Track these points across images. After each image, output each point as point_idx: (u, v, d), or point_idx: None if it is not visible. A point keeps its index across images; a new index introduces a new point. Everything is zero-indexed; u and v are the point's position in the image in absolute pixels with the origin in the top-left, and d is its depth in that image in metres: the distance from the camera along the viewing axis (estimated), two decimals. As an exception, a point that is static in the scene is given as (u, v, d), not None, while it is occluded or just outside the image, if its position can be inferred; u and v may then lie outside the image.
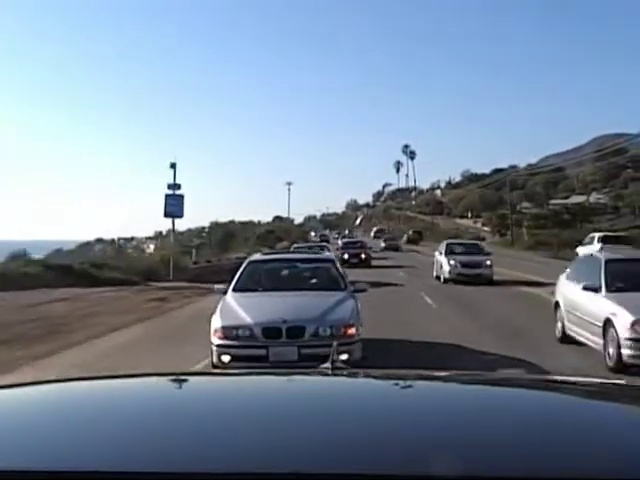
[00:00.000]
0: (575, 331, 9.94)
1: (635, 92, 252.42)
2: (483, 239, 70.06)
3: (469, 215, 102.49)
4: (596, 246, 27.95)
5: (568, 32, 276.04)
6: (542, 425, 1.41)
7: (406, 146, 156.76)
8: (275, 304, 8.51)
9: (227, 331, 7.93)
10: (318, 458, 1.19)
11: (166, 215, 26.47)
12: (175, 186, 25.77)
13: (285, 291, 9.17)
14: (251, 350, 7.86)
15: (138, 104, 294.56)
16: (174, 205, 25.88)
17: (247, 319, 8.04)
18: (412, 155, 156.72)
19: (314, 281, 10.05)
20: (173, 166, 25.93)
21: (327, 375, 1.97)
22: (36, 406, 1.66)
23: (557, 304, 10.93)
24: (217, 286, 9.63)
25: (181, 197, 26.12)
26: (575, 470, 1.12)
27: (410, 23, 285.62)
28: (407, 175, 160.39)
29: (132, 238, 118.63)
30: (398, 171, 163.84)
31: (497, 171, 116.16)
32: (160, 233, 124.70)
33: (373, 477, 1.09)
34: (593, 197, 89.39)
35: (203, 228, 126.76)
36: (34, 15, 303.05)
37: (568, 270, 11.37)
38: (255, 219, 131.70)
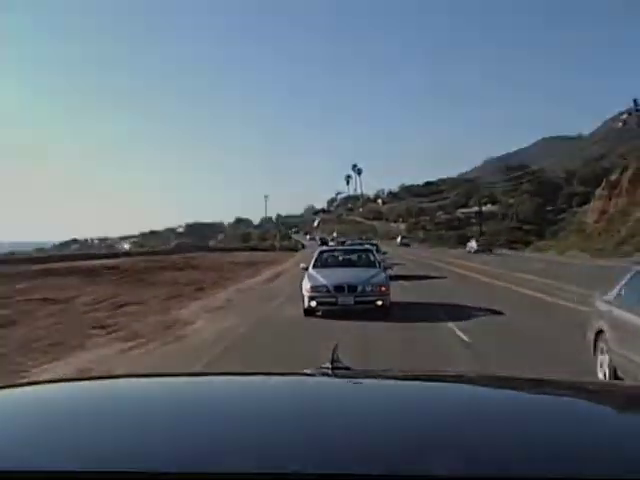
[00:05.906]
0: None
1: (582, 94, 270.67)
2: (404, 237, 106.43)
3: (401, 220, 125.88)
4: (473, 243, 58.12)
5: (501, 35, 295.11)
6: (542, 425, 1.42)
7: (354, 165, 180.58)
8: (340, 273, 14.55)
9: (313, 288, 13.73)
10: (318, 458, 1.19)
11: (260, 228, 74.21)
12: (266, 218, 70.96)
13: (344, 267, 15.78)
14: (327, 298, 13.60)
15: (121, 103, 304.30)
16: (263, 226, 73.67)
17: (325, 282, 13.87)
18: (359, 171, 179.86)
19: (361, 262, 16.52)
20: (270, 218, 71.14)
21: (327, 375, 1.95)
22: (36, 406, 1.66)
23: (600, 333, 7.43)
24: (302, 265, 16.62)
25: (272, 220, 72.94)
26: (574, 470, 1.12)
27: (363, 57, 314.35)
28: (355, 189, 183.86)
29: (106, 238, 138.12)
30: (348, 183, 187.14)
31: (427, 183, 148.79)
32: (143, 233, 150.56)
33: (373, 477, 1.09)
34: (488, 207, 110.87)
35: (172, 230, 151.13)
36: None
37: (615, 292, 7.47)
38: (218, 220, 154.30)
